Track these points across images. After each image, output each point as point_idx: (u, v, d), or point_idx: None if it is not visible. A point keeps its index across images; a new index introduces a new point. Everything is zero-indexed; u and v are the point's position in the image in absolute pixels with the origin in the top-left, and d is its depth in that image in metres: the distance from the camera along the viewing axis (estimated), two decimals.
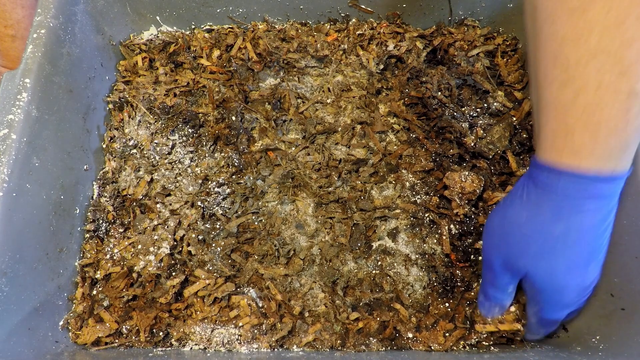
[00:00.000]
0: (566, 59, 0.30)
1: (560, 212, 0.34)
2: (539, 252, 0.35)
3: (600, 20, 0.27)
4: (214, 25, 0.58)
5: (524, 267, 0.37)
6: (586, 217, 0.33)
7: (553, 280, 0.36)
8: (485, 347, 0.43)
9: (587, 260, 0.35)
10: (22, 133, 0.40)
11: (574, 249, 0.34)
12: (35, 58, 0.43)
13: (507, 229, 0.37)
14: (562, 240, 0.34)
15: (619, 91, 0.28)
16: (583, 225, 0.33)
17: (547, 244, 0.35)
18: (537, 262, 0.36)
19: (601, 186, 0.32)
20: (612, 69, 0.28)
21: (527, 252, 0.36)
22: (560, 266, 0.35)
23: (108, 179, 0.50)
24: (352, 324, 0.43)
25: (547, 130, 0.33)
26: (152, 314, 0.43)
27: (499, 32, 0.56)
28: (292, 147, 0.51)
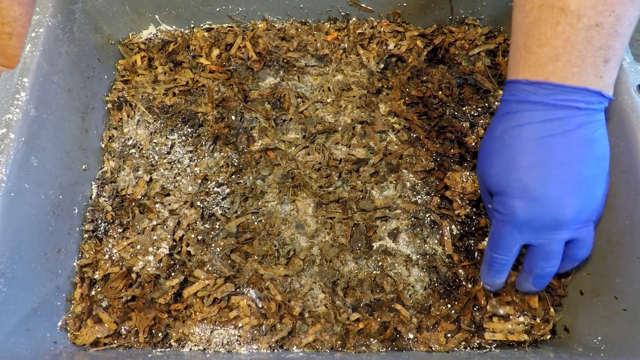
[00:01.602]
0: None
1: (501, 117, 0.38)
2: (485, 153, 0.38)
3: None
4: (214, 24, 0.57)
5: (481, 174, 0.39)
6: (521, 119, 0.36)
7: (494, 180, 0.37)
8: (487, 348, 0.43)
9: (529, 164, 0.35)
10: (20, 132, 0.40)
11: (510, 148, 0.36)
12: (34, 57, 0.42)
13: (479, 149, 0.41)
14: (500, 140, 0.37)
15: (554, 7, 0.33)
16: (518, 126, 0.36)
17: (490, 145, 0.38)
18: (484, 163, 0.39)
19: (534, 91, 0.35)
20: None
21: (480, 157, 0.39)
22: (498, 164, 0.37)
23: (107, 178, 0.50)
24: (352, 325, 0.43)
25: (509, 53, 0.38)
26: (151, 315, 0.43)
27: (500, 31, 0.56)
28: (292, 147, 0.51)
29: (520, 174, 0.35)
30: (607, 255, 0.41)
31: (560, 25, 0.33)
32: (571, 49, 0.33)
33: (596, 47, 0.33)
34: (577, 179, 0.35)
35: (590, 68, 0.33)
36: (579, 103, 0.34)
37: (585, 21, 0.32)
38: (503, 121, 0.37)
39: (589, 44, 0.33)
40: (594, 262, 0.43)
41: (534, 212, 0.35)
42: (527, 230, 0.36)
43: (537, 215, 0.35)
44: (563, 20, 0.33)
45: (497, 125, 0.38)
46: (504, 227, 0.37)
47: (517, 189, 0.35)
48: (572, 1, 0.32)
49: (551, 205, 0.35)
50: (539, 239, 0.36)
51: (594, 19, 0.32)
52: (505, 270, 0.40)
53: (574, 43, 0.33)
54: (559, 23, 0.33)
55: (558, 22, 0.33)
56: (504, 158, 0.36)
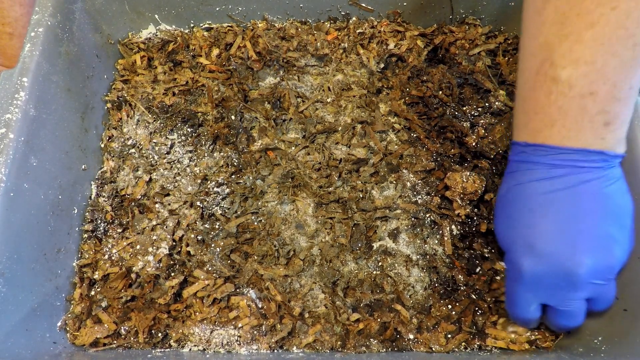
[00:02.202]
0: (525, 52, 0.36)
1: (506, 175, 0.39)
2: (495, 212, 0.40)
3: (550, 18, 0.33)
4: (213, 23, 0.57)
5: (495, 230, 0.40)
6: (522, 177, 0.37)
7: (500, 237, 0.38)
8: (488, 349, 0.43)
9: (531, 221, 0.35)
10: (19, 132, 0.39)
11: (513, 205, 0.37)
12: (33, 57, 0.42)
13: None
14: (504, 197, 0.38)
15: (546, 76, 0.34)
16: (520, 184, 0.37)
17: (497, 203, 0.39)
18: (494, 222, 0.40)
19: (533, 152, 0.36)
20: (548, 59, 0.33)
21: (494, 215, 0.41)
22: (503, 222, 0.38)
23: (106, 178, 0.50)
24: (352, 325, 0.43)
25: (513, 115, 0.40)
26: (150, 315, 0.43)
27: (501, 31, 0.56)
28: (292, 147, 0.51)
29: (522, 231, 0.35)
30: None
31: (553, 95, 0.33)
32: (565, 115, 0.33)
33: (592, 113, 0.33)
34: (588, 236, 0.34)
35: (589, 132, 0.33)
36: (579, 162, 0.34)
37: (578, 90, 0.32)
38: (507, 180, 0.38)
39: (583, 111, 0.33)
40: None
41: (540, 269, 0.34)
42: (539, 289, 0.35)
43: (545, 272, 0.34)
44: (555, 90, 0.33)
45: (504, 184, 0.39)
46: (515, 287, 0.37)
47: (520, 246, 0.35)
48: (563, 72, 0.32)
49: (559, 262, 0.34)
50: (555, 299, 0.36)
51: (586, 88, 0.32)
52: (531, 323, 0.40)
53: (568, 110, 0.33)
54: (552, 92, 0.33)
55: (550, 91, 0.33)
56: (507, 215, 0.37)
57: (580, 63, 0.32)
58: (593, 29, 0.31)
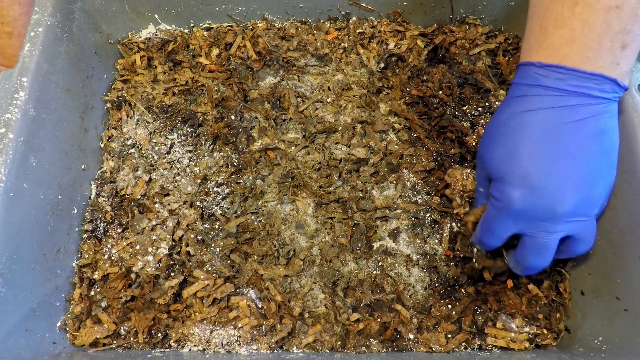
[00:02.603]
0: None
1: (509, 100, 0.36)
2: (489, 136, 0.37)
3: None
4: (213, 23, 0.57)
5: (482, 157, 0.38)
6: (530, 104, 0.34)
7: (495, 165, 0.36)
8: (488, 349, 0.43)
9: (532, 152, 0.34)
10: (19, 132, 0.39)
11: (515, 134, 0.35)
12: (33, 56, 0.42)
13: (484, 130, 0.40)
14: (506, 124, 0.36)
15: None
16: (526, 112, 0.34)
17: (495, 128, 0.37)
18: (487, 146, 0.37)
19: (547, 75, 0.33)
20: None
21: (483, 139, 0.38)
22: (501, 150, 0.35)
23: (106, 178, 0.50)
24: (352, 325, 0.43)
25: (524, 36, 0.37)
26: (150, 315, 0.43)
27: (501, 31, 0.56)
28: (291, 147, 0.51)
29: (522, 162, 0.34)
30: (608, 256, 0.41)
31: (579, 6, 0.32)
32: (588, 31, 0.31)
33: (615, 30, 0.31)
34: (581, 173, 0.33)
35: (607, 53, 0.32)
36: (592, 90, 0.33)
37: (605, 2, 0.31)
38: (511, 104, 0.36)
39: (607, 26, 0.31)
40: (595, 262, 0.43)
41: (531, 201, 0.34)
42: (521, 219, 0.35)
43: (534, 205, 0.34)
44: (581, 1, 0.31)
45: (505, 108, 0.36)
46: (499, 215, 0.36)
47: (517, 176, 0.34)
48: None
49: (549, 197, 0.33)
50: (532, 230, 0.35)
51: (613, 0, 0.31)
52: (492, 249, 0.39)
53: (592, 25, 0.31)
54: (577, 3, 0.32)
55: (576, 2, 0.32)
56: (508, 143, 0.35)
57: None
58: None
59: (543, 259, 0.36)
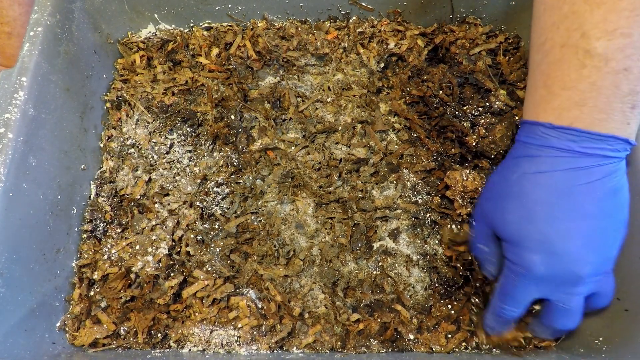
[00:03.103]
0: (545, 23, 0.34)
1: (518, 160, 0.35)
2: (498, 196, 0.36)
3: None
4: (213, 23, 0.57)
5: (492, 218, 0.37)
6: (542, 165, 0.34)
7: (509, 228, 0.35)
8: (488, 349, 0.43)
9: (550, 215, 0.33)
10: (18, 132, 0.39)
11: (529, 196, 0.34)
12: (32, 56, 0.42)
13: (485, 186, 0.39)
14: (517, 185, 0.35)
15: (578, 48, 0.31)
16: (539, 173, 0.34)
17: (505, 188, 0.36)
18: (496, 206, 0.36)
19: (558, 137, 0.33)
20: (578, 30, 0.31)
21: (490, 198, 0.37)
22: (515, 212, 0.34)
23: (106, 178, 0.50)
24: (352, 326, 0.43)
25: (526, 92, 0.37)
26: (150, 315, 0.43)
27: (501, 30, 0.56)
28: (291, 147, 0.51)
29: (540, 226, 0.33)
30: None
31: (586, 69, 0.31)
32: (597, 93, 0.31)
33: (624, 92, 0.31)
34: (599, 233, 0.33)
35: (618, 114, 0.31)
36: (605, 151, 0.32)
37: (613, 65, 0.30)
38: (521, 165, 0.35)
39: (616, 89, 0.31)
40: None
41: (553, 266, 0.33)
42: (544, 284, 0.34)
43: (557, 270, 0.33)
44: (589, 63, 0.31)
45: (514, 168, 0.35)
46: (519, 281, 0.35)
47: (536, 241, 0.33)
48: (599, 44, 0.30)
49: (571, 260, 0.32)
50: (557, 295, 0.34)
51: (622, 63, 0.30)
52: (512, 321, 0.38)
53: (601, 88, 0.31)
54: (585, 66, 0.31)
55: (584, 64, 0.31)
56: (522, 206, 0.34)
57: (617, 35, 0.29)
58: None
59: (572, 320, 0.36)
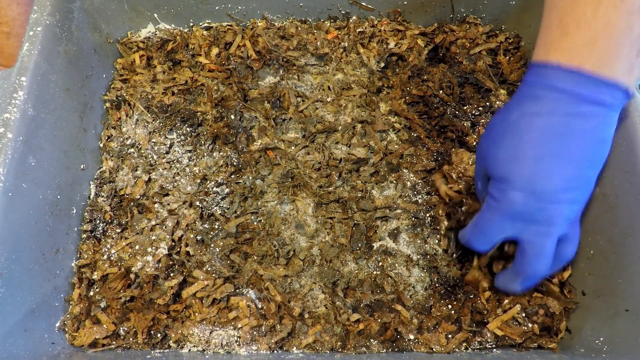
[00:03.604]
0: None
1: (521, 99, 0.35)
2: (494, 134, 0.36)
3: None
4: (213, 22, 0.57)
5: (485, 154, 0.37)
6: (542, 106, 0.34)
7: (498, 164, 0.35)
8: (488, 349, 0.42)
9: (538, 156, 0.33)
10: (18, 132, 0.39)
11: (523, 135, 0.34)
12: (32, 56, 0.42)
13: (487, 126, 0.38)
14: (515, 124, 0.35)
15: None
16: (537, 114, 0.34)
17: (502, 127, 0.36)
18: (491, 143, 0.36)
19: (563, 78, 0.33)
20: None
21: (487, 136, 0.37)
22: (507, 149, 0.35)
23: (105, 178, 0.50)
24: (352, 326, 0.43)
25: (539, 33, 0.36)
26: (149, 316, 0.43)
27: (502, 30, 0.56)
28: (291, 147, 0.50)
29: (528, 165, 0.33)
30: (609, 256, 0.41)
31: (603, 6, 0.31)
32: (611, 32, 0.31)
33: (634, 35, 0.31)
34: (581, 179, 0.34)
35: (625, 60, 0.32)
36: (605, 98, 0.32)
37: (629, 3, 0.31)
38: (523, 104, 0.35)
39: (629, 30, 0.31)
40: (596, 262, 0.43)
41: (531, 205, 0.33)
42: (519, 221, 0.34)
43: (534, 208, 0.34)
44: (605, 1, 0.31)
45: (515, 107, 0.35)
46: (495, 215, 0.35)
47: (520, 179, 0.34)
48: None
49: (550, 201, 0.33)
50: (530, 234, 0.35)
51: (637, 3, 0.30)
52: (483, 250, 0.38)
53: (615, 27, 0.31)
54: (601, 3, 0.31)
55: (600, 2, 0.31)
56: (514, 144, 0.34)
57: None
58: None
59: (543, 264, 0.36)
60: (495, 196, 0.35)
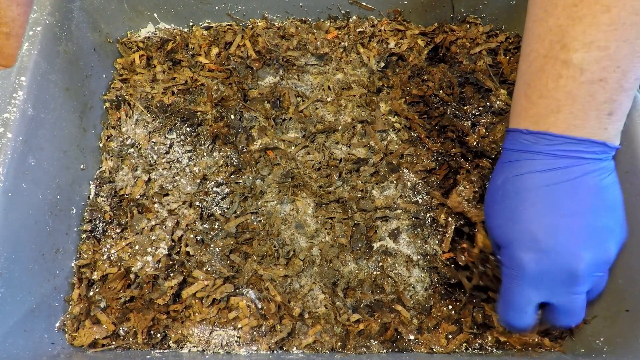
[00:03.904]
0: (532, 34, 0.35)
1: (502, 166, 0.37)
2: (488, 203, 0.37)
3: (561, 2, 0.32)
4: (213, 22, 0.57)
5: (488, 225, 0.38)
6: (521, 168, 0.35)
7: (499, 231, 0.36)
8: (488, 350, 0.42)
9: (535, 215, 0.33)
10: (17, 132, 0.39)
11: (512, 198, 0.35)
12: (31, 56, 0.42)
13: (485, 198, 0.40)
14: (501, 189, 0.36)
15: (557, 59, 0.33)
16: (519, 175, 0.35)
17: (492, 195, 0.37)
18: (488, 214, 0.37)
19: (535, 141, 0.34)
20: (559, 42, 0.32)
21: (485, 207, 0.38)
22: (502, 215, 0.36)
23: (105, 178, 0.50)
24: (352, 326, 0.43)
25: (512, 102, 0.38)
26: (149, 316, 0.43)
27: (502, 30, 0.56)
28: (291, 146, 0.50)
29: (526, 225, 0.33)
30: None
31: (563, 79, 0.32)
32: (573, 102, 0.32)
33: (600, 101, 0.32)
34: (589, 230, 0.33)
35: (594, 121, 0.32)
36: (582, 153, 0.33)
37: (589, 75, 0.31)
38: (504, 170, 0.36)
39: (592, 98, 0.32)
40: None
41: (544, 264, 0.33)
42: (540, 286, 0.34)
43: (549, 268, 0.33)
44: (565, 74, 0.32)
45: (499, 174, 0.37)
46: (515, 285, 0.34)
47: (523, 240, 0.33)
48: (575, 55, 0.31)
49: (563, 257, 0.33)
50: (557, 296, 0.34)
51: (597, 74, 0.31)
52: (526, 330, 0.37)
53: (576, 97, 0.32)
54: (561, 76, 0.32)
55: (560, 75, 0.32)
56: (507, 208, 0.35)
57: (594, 47, 0.31)
58: (609, 13, 0.30)
59: (576, 319, 0.35)
60: (507, 264, 0.35)
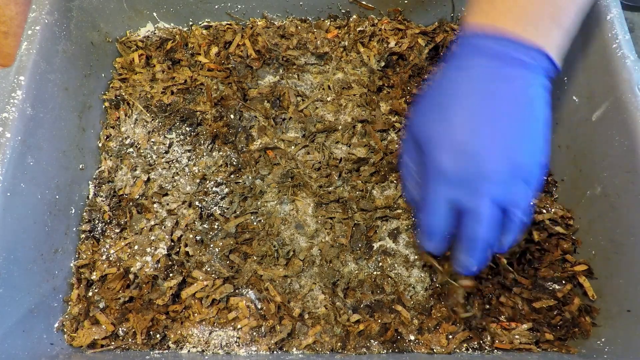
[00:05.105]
0: None
1: (447, 62, 0.36)
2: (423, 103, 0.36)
3: None
4: (212, 21, 0.57)
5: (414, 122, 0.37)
6: (461, 63, 0.35)
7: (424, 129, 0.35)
8: (489, 350, 0.42)
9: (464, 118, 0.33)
10: (16, 132, 0.39)
11: (445, 95, 0.35)
12: (30, 55, 0.42)
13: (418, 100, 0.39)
14: (437, 86, 0.35)
15: None
16: (457, 70, 0.35)
17: (429, 92, 0.36)
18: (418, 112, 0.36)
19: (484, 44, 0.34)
20: None
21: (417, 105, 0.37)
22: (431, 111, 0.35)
23: (104, 178, 0.49)
24: (352, 326, 0.43)
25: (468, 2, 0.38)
26: (149, 316, 0.43)
27: None
28: (291, 146, 0.50)
29: (453, 126, 0.34)
30: (610, 256, 0.41)
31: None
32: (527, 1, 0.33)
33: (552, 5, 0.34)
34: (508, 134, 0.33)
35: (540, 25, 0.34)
36: (524, 57, 0.33)
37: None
38: (446, 71, 0.36)
39: None
40: (598, 262, 0.43)
41: (460, 164, 0.33)
42: (453, 186, 0.34)
43: (463, 167, 0.33)
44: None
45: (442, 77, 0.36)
46: (431, 182, 0.35)
47: (448, 140, 0.34)
48: None
49: (476, 157, 0.33)
50: (465, 195, 0.34)
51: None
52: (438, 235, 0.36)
53: None
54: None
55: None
56: (439, 104, 0.35)
57: None
58: None
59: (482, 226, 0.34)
60: (428, 163, 0.35)
